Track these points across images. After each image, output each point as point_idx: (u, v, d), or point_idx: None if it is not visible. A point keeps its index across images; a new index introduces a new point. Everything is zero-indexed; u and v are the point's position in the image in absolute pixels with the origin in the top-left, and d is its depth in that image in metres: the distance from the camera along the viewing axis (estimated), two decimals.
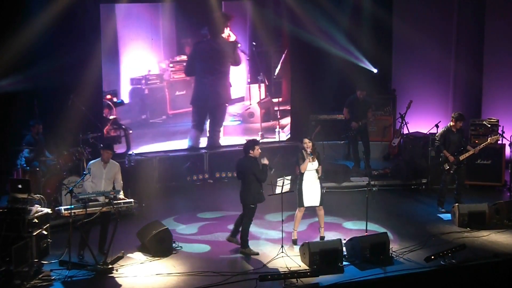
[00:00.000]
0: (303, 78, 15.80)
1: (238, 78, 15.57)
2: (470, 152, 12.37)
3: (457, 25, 16.59)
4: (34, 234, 9.42)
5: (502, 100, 15.73)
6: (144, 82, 14.59)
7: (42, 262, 9.62)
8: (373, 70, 16.45)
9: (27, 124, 12.25)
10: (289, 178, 10.42)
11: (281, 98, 16.05)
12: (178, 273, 9.73)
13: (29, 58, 12.67)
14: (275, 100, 15.98)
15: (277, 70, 15.93)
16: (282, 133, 16.06)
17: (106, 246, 10.00)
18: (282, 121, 16.05)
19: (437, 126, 13.88)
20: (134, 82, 14.52)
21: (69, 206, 9.66)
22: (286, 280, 9.28)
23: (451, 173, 12.40)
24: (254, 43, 15.53)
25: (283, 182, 10.32)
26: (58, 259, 9.71)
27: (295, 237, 10.89)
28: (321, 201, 10.80)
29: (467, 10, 16.45)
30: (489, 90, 16.10)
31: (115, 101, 14.27)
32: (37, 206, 9.72)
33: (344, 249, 10.17)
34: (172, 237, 10.66)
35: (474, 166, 13.82)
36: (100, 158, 10.39)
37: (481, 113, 15.93)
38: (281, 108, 16.01)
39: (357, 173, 14.58)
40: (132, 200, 10.32)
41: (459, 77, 16.64)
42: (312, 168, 10.69)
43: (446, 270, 9.91)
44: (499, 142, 13.78)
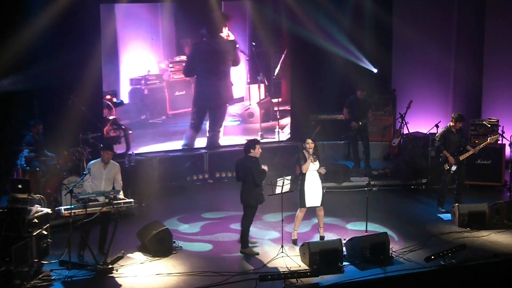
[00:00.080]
0: (303, 78, 15.79)
1: (237, 78, 15.56)
2: (470, 152, 12.37)
3: (457, 25, 16.58)
4: (34, 234, 9.42)
5: (502, 100, 15.73)
6: (143, 82, 14.58)
7: (42, 262, 9.62)
8: (373, 70, 16.45)
9: (27, 124, 12.25)
10: (289, 178, 10.42)
11: (280, 99, 16.05)
12: (178, 273, 9.73)
13: (29, 58, 12.67)
14: (275, 100, 15.98)
15: (276, 70, 15.92)
16: (281, 133, 16.06)
17: (106, 246, 9.99)
18: (282, 121, 16.05)
19: (437, 126, 13.90)
20: (134, 82, 14.51)
21: (69, 206, 9.65)
22: (286, 280, 9.28)
23: (451, 173, 12.41)
24: (254, 43, 15.53)
25: (283, 182, 10.32)
26: (58, 259, 9.71)
27: (295, 237, 10.89)
28: (321, 201, 10.81)
29: (467, 10, 16.45)
30: (489, 90, 16.09)
31: (115, 101, 14.26)
32: (37, 206, 9.72)
33: (344, 249, 10.18)
34: (172, 237, 10.66)
35: (474, 166, 13.83)
36: (100, 158, 10.39)
37: (481, 113, 15.93)
38: (280, 108, 16.01)
39: (357, 173, 14.58)
40: (132, 200, 10.31)
41: (459, 77, 16.64)
42: (313, 168, 10.69)
43: (446, 270, 9.91)
44: (499, 142, 13.79)
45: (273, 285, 9.24)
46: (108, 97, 14.16)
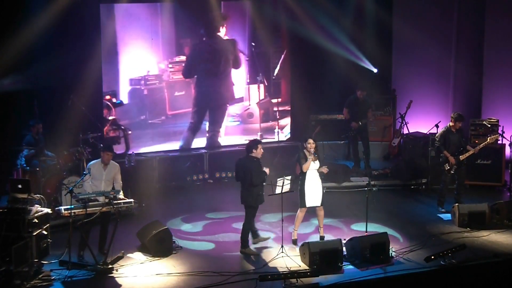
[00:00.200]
0: (303, 78, 15.78)
1: (237, 78, 15.54)
2: (470, 152, 12.37)
3: (457, 25, 16.58)
4: (34, 234, 9.41)
5: (502, 100, 15.73)
6: (143, 82, 14.58)
7: (42, 262, 9.61)
8: (373, 70, 16.45)
9: (27, 124, 12.25)
10: (289, 178, 10.42)
11: (280, 99, 16.04)
12: (178, 273, 9.73)
13: (29, 58, 12.67)
14: (274, 100, 15.97)
15: (276, 70, 15.91)
16: (281, 133, 16.05)
17: (106, 246, 9.99)
18: (281, 121, 16.04)
19: (437, 126, 13.90)
20: (133, 82, 14.50)
21: (69, 206, 9.65)
22: (286, 280, 9.28)
23: (452, 173, 12.41)
24: (253, 44, 15.52)
25: (283, 182, 10.31)
26: (58, 259, 9.70)
27: (295, 237, 10.88)
28: (322, 201, 10.81)
29: (467, 10, 16.45)
30: (489, 90, 16.09)
31: (114, 101, 14.25)
32: (37, 206, 9.71)
33: (344, 249, 10.17)
34: (172, 237, 10.66)
35: (474, 166, 13.82)
36: (100, 159, 10.38)
37: (481, 113, 15.92)
38: (280, 108, 16.00)
39: (357, 173, 14.58)
40: (132, 200, 10.31)
41: (459, 77, 16.63)
42: (314, 167, 10.70)
43: (446, 270, 9.91)
44: (499, 142, 13.79)
45: (273, 285, 9.24)
46: (107, 97, 14.16)
